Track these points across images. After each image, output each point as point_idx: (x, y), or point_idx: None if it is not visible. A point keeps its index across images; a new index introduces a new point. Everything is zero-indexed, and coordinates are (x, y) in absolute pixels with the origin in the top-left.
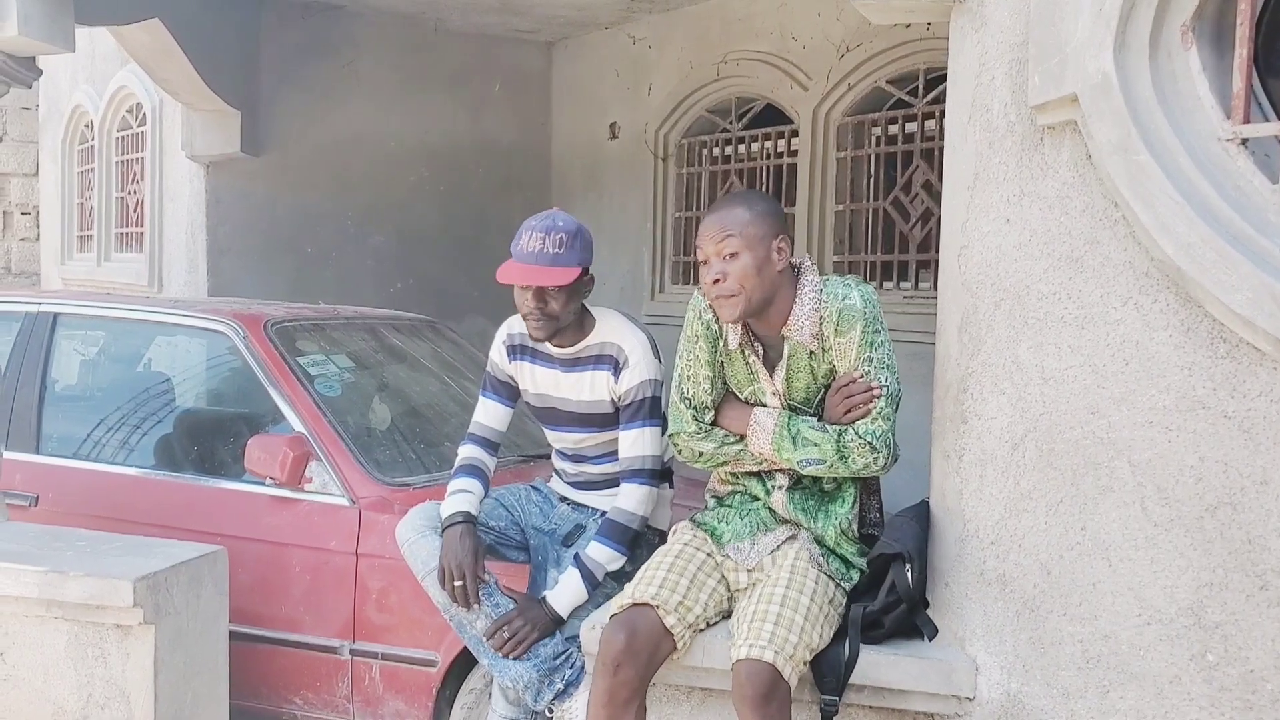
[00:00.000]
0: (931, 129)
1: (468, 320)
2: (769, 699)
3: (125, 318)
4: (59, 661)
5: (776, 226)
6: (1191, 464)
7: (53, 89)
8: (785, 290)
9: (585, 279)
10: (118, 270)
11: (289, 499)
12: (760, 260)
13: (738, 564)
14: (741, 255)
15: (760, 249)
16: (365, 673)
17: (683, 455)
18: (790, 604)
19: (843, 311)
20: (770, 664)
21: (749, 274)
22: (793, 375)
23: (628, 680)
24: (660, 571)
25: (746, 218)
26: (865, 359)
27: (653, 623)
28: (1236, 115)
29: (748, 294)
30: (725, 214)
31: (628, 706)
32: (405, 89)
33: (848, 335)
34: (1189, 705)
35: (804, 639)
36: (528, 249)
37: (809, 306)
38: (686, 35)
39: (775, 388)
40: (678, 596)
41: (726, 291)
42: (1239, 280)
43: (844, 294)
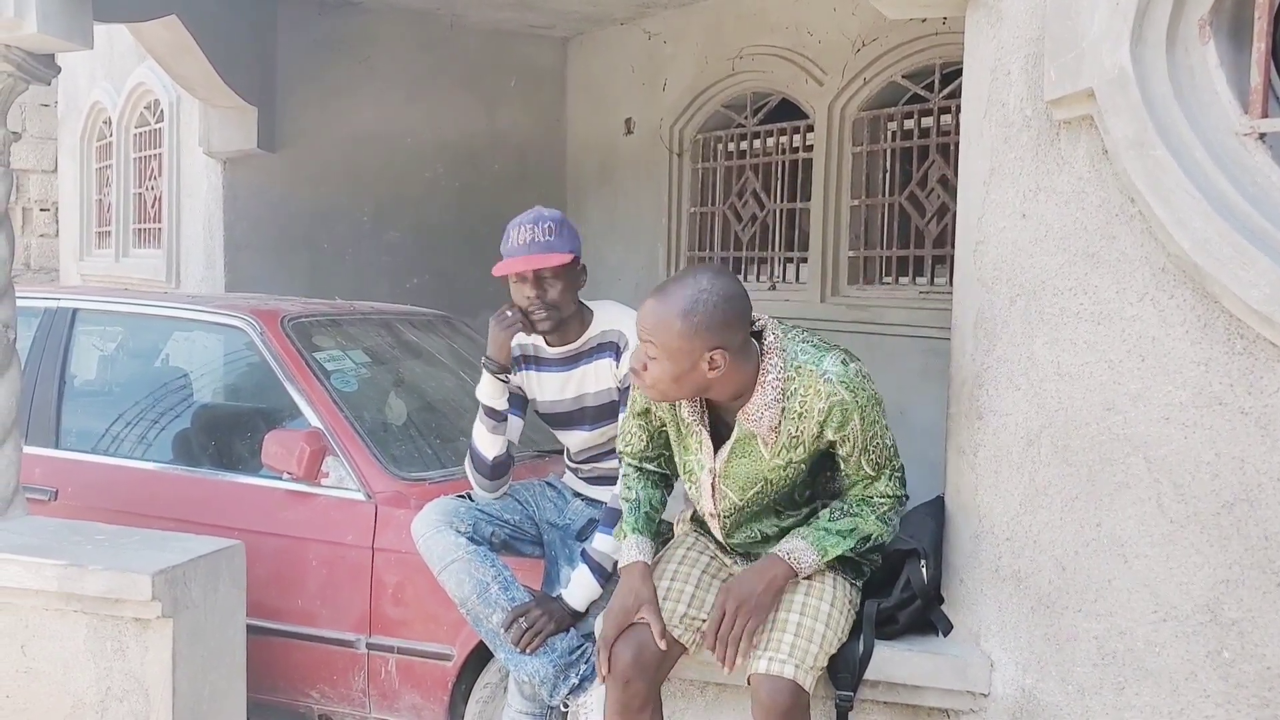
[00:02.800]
0: (947, 124)
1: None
2: (791, 713)
3: (143, 313)
4: (78, 654)
5: (713, 339)
6: (1208, 460)
7: (71, 86)
8: (732, 376)
9: (578, 267)
10: (136, 266)
11: (305, 494)
12: (680, 372)
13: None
14: (660, 361)
15: (683, 361)
16: (381, 666)
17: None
18: (810, 612)
19: (832, 409)
20: (791, 680)
21: (664, 380)
22: (735, 459)
23: (639, 691)
24: (664, 583)
25: (676, 329)
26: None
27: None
28: (1254, 110)
29: (663, 392)
30: (656, 315)
31: (641, 712)
32: (420, 85)
33: (848, 428)
34: (1205, 702)
35: (824, 646)
36: (519, 241)
37: (771, 396)
38: (701, 30)
39: (714, 465)
40: (682, 608)
41: (643, 383)
42: (1256, 276)
43: (828, 391)
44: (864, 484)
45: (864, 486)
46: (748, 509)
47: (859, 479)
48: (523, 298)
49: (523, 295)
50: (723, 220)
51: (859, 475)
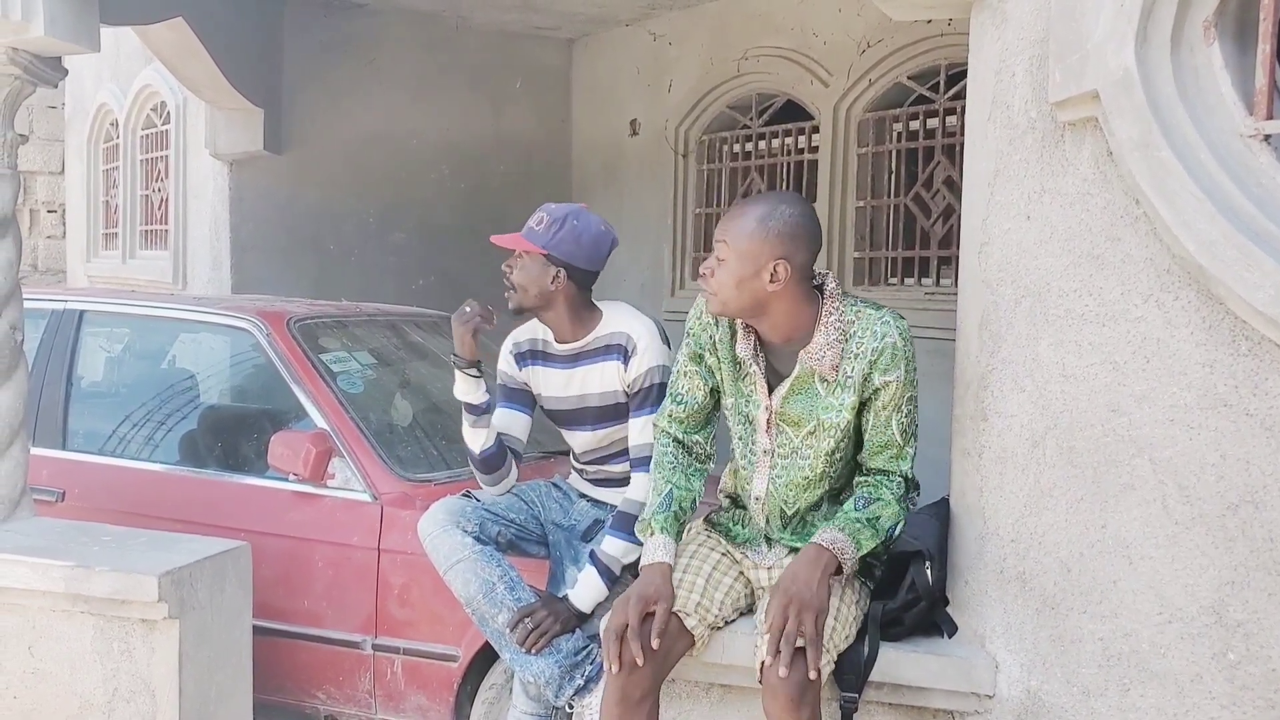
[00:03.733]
0: (953, 125)
1: None
2: (801, 704)
3: (150, 315)
4: (85, 655)
5: (780, 249)
6: (1213, 462)
7: (78, 88)
8: (789, 307)
9: (551, 267)
10: (142, 268)
11: (312, 495)
12: (744, 276)
13: (756, 564)
14: (728, 263)
15: (748, 265)
16: (387, 667)
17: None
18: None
19: (884, 350)
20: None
21: (727, 284)
22: (792, 398)
23: (641, 680)
24: (675, 574)
25: (749, 230)
26: (907, 398)
27: (671, 624)
28: (1259, 111)
29: (724, 299)
30: (734, 216)
31: (641, 705)
32: (426, 86)
33: (894, 374)
34: (1210, 704)
35: (834, 640)
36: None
37: (833, 336)
38: (707, 31)
39: (770, 404)
40: (695, 597)
41: (707, 288)
42: (1261, 277)
43: (883, 331)
44: (887, 454)
45: (887, 458)
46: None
47: (883, 445)
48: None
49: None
50: None
51: (885, 439)
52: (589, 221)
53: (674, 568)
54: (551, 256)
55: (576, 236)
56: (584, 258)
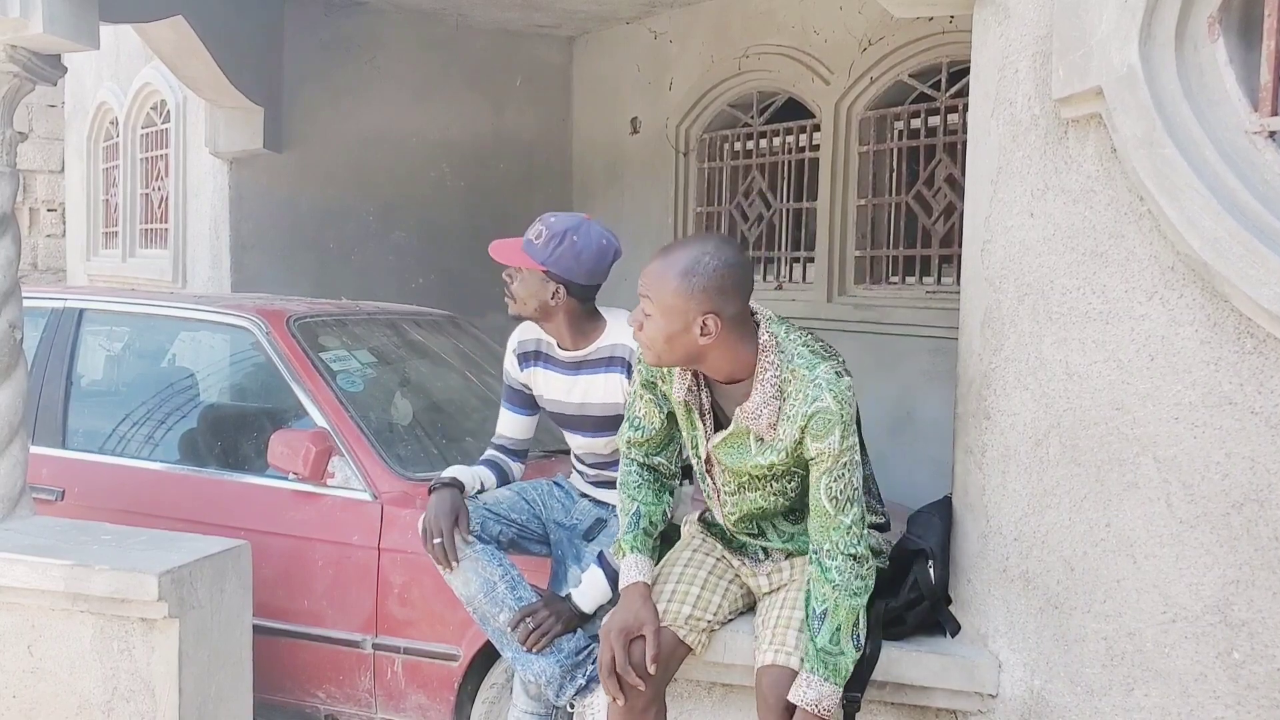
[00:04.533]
0: (954, 123)
1: (489, 316)
2: (793, 706)
3: (149, 313)
4: (85, 654)
5: (708, 303)
6: (1218, 460)
7: (78, 86)
8: (726, 353)
9: (549, 282)
10: (142, 266)
11: (312, 494)
12: (673, 332)
13: (755, 571)
14: (654, 318)
15: (675, 321)
16: (388, 667)
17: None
18: None
19: (815, 415)
20: (795, 671)
21: (657, 339)
22: (724, 448)
23: (643, 692)
24: (669, 585)
25: (672, 286)
26: (843, 463)
27: (666, 638)
28: (1264, 108)
29: (657, 353)
30: (655, 272)
31: (645, 714)
32: (426, 85)
33: (826, 441)
34: (1214, 703)
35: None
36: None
37: (769, 393)
38: (707, 29)
39: (708, 445)
40: (688, 609)
41: (640, 340)
42: (1266, 274)
43: (815, 395)
44: (819, 521)
45: (818, 529)
46: (742, 497)
47: (816, 512)
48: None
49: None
50: (729, 220)
51: (816, 505)
52: (589, 236)
53: (662, 580)
54: (550, 273)
55: (576, 254)
56: (584, 274)
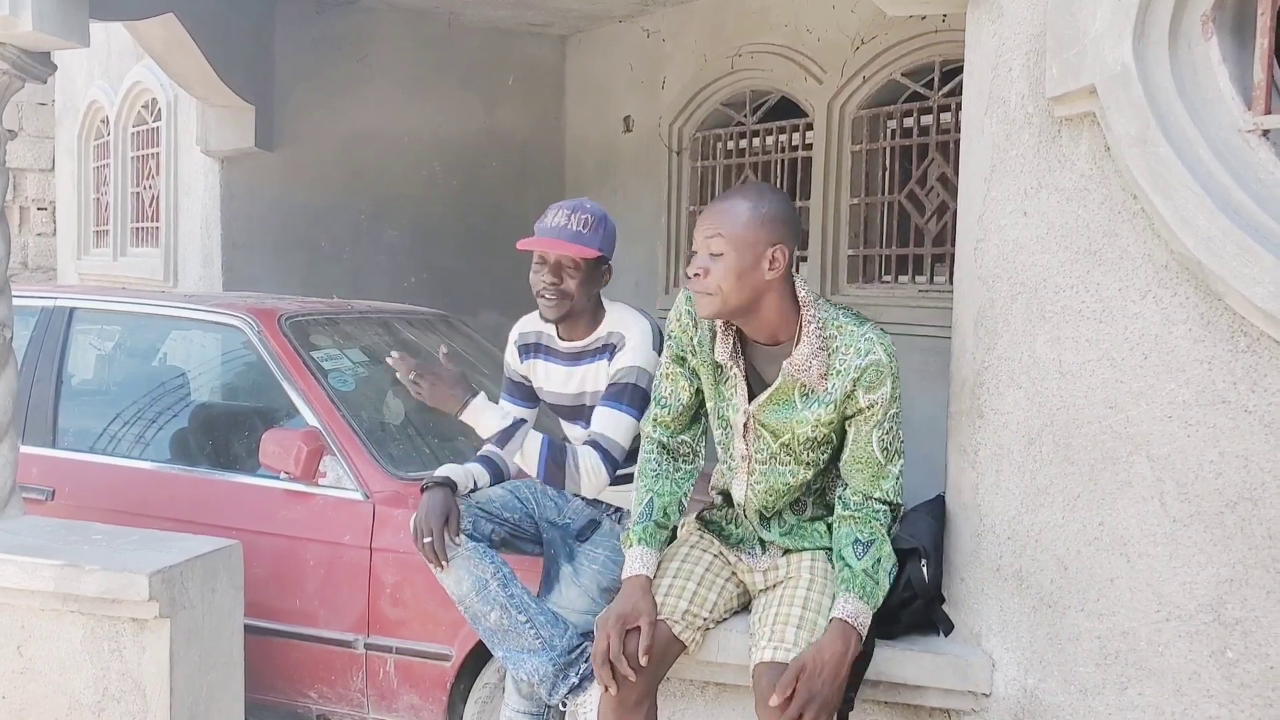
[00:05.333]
0: (947, 122)
1: (481, 314)
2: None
3: (140, 312)
4: (75, 655)
5: (776, 234)
6: (1211, 459)
7: (68, 84)
8: (779, 302)
9: (604, 267)
10: (133, 265)
11: (303, 493)
12: (744, 267)
13: (751, 567)
14: (726, 256)
15: (747, 255)
16: (380, 667)
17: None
18: (813, 606)
19: (869, 368)
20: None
21: (728, 277)
22: (769, 407)
23: (636, 687)
24: (666, 579)
25: (743, 219)
26: (892, 415)
27: (661, 632)
28: (1258, 106)
29: (724, 296)
30: (722, 209)
31: (637, 709)
32: (419, 83)
33: (879, 392)
34: (1208, 702)
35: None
36: (552, 223)
37: (816, 345)
38: (700, 28)
39: (749, 408)
40: (684, 604)
41: (702, 289)
42: (1260, 273)
43: (868, 349)
44: (868, 472)
45: (866, 480)
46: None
47: (864, 463)
48: (538, 280)
49: (539, 279)
50: None
51: (865, 456)
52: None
53: (659, 575)
54: (603, 257)
55: (612, 231)
56: (612, 252)
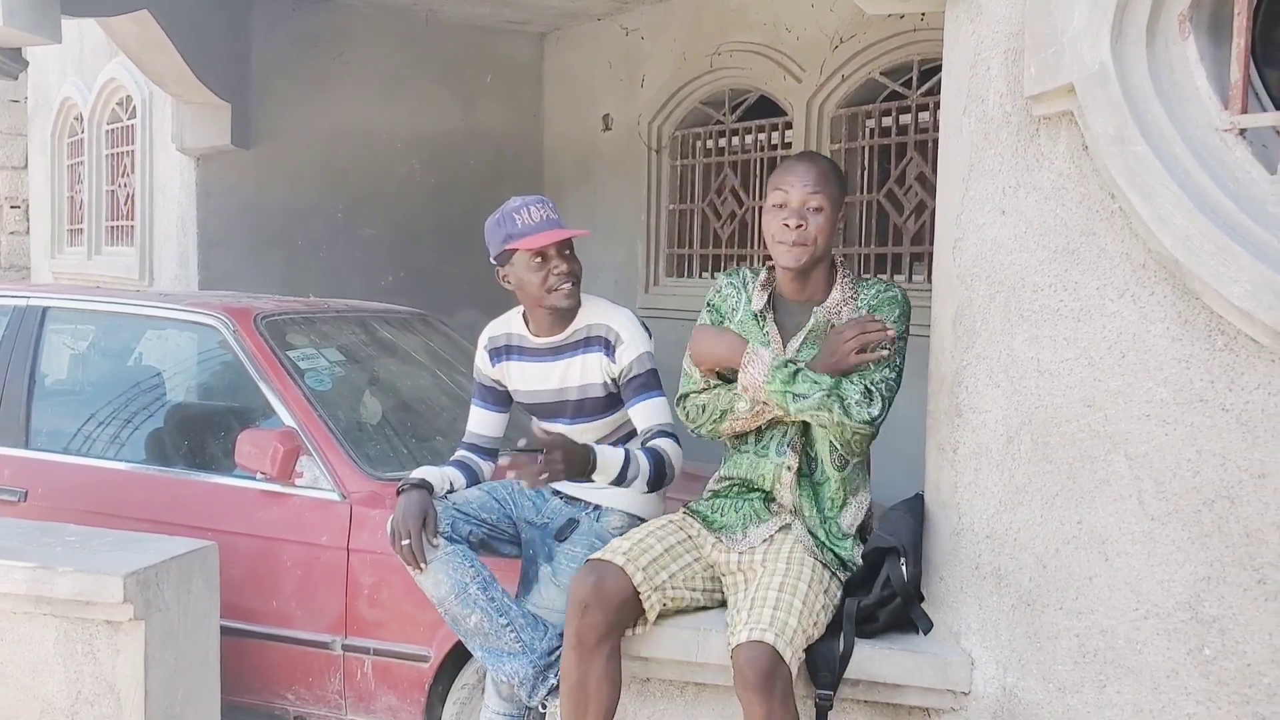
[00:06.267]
0: (925, 121)
1: (459, 313)
2: (772, 681)
3: (115, 311)
4: (48, 658)
5: (843, 194)
6: (1189, 457)
7: (41, 81)
8: (829, 260)
9: None
10: (108, 264)
11: (280, 494)
12: (833, 221)
13: (729, 546)
14: (825, 211)
15: (835, 211)
16: (357, 668)
17: (689, 417)
18: (789, 590)
19: (884, 298)
20: (771, 645)
21: (825, 230)
22: (805, 348)
23: (595, 623)
24: (636, 535)
25: (835, 179)
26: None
27: (621, 577)
28: (1234, 105)
29: (817, 248)
30: (819, 169)
31: (598, 649)
32: (396, 81)
33: (885, 315)
34: (1186, 699)
35: (802, 625)
36: (535, 219)
37: (848, 293)
38: (679, 26)
39: (786, 356)
40: (647, 558)
41: (803, 239)
42: (1237, 272)
43: (885, 287)
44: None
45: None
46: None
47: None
48: (551, 275)
49: (548, 272)
50: (702, 217)
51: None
52: None
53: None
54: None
55: None
56: None
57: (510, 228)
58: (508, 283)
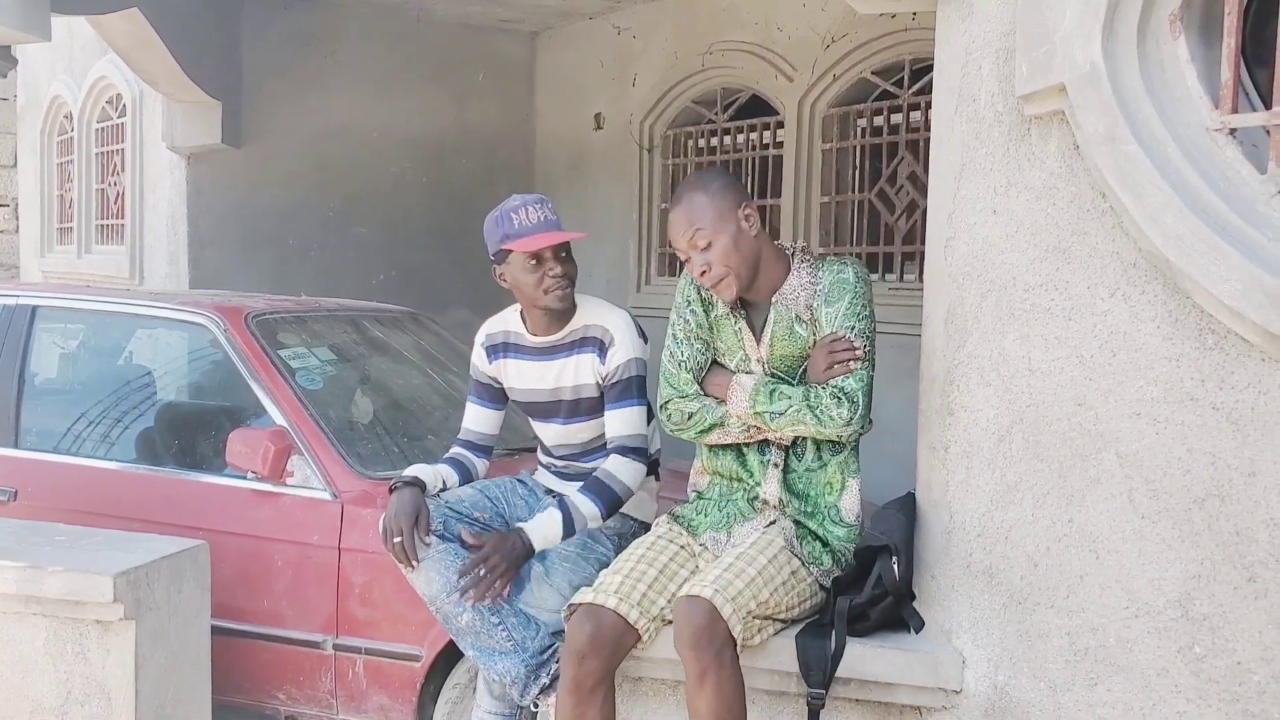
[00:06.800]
0: (917, 120)
1: (451, 312)
2: (706, 637)
3: (105, 310)
4: (38, 658)
5: (736, 197)
6: (1179, 456)
7: (31, 79)
8: (769, 252)
9: None
10: (98, 263)
11: (271, 493)
12: (733, 236)
13: (714, 553)
14: (715, 240)
15: (729, 226)
16: (349, 668)
17: (672, 421)
18: (744, 559)
19: (834, 283)
20: (709, 601)
21: (729, 253)
22: (776, 341)
23: (592, 670)
24: (628, 563)
25: (705, 201)
26: (848, 326)
27: (615, 619)
28: (1225, 105)
29: (736, 271)
30: (685, 207)
31: (594, 694)
32: (388, 79)
33: (835, 305)
34: (1176, 697)
35: (751, 589)
36: (533, 220)
37: (805, 279)
38: (671, 25)
39: (760, 354)
40: (642, 588)
41: (715, 279)
42: (1227, 271)
43: (839, 269)
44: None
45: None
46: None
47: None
48: (546, 277)
49: (543, 274)
50: None
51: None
52: None
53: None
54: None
55: None
56: None
57: (507, 227)
58: (504, 281)
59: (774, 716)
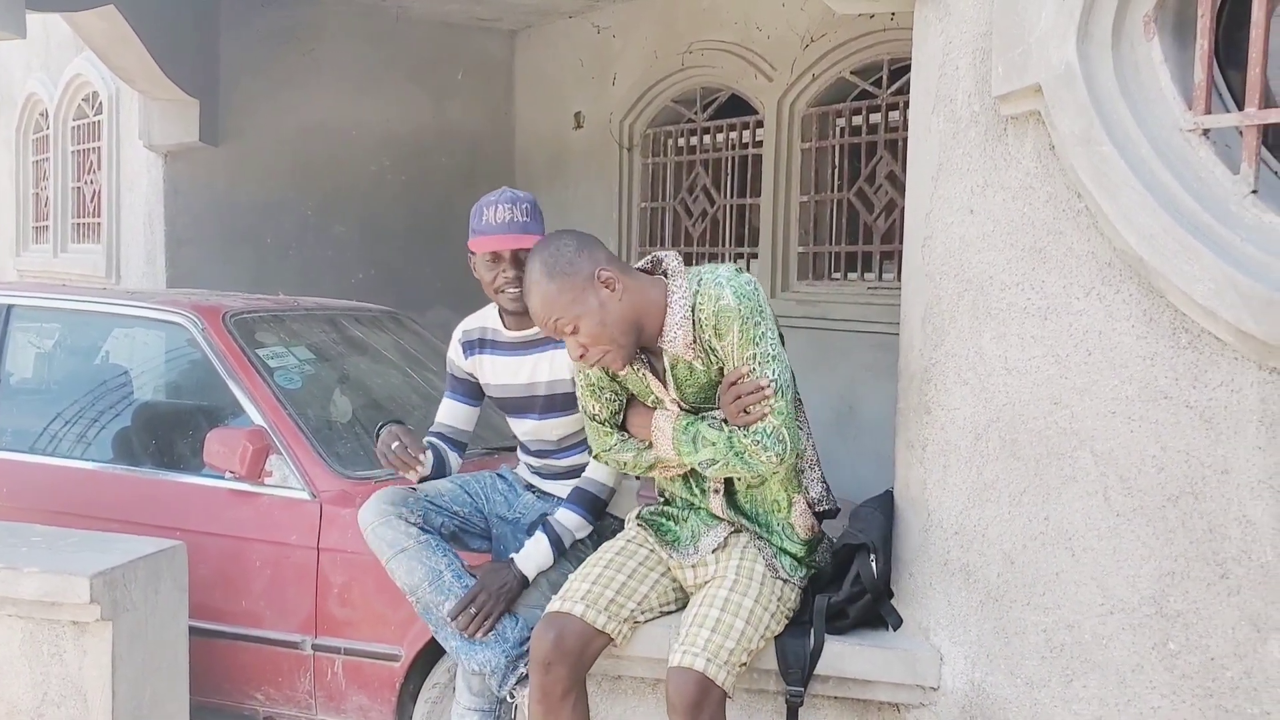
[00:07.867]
0: (895, 120)
1: (430, 311)
2: (699, 708)
3: (81, 310)
4: (13, 659)
5: (588, 267)
6: (1153, 454)
7: (5, 77)
8: (643, 298)
9: None
10: (74, 261)
11: (249, 493)
12: (594, 311)
13: (681, 563)
14: (579, 323)
15: (588, 302)
16: (328, 668)
17: (610, 464)
18: (731, 608)
19: (718, 314)
20: (700, 673)
21: (599, 330)
22: (681, 382)
23: (560, 678)
24: (596, 569)
25: (554, 291)
26: (749, 356)
27: (581, 626)
28: (1198, 106)
29: (613, 340)
30: (537, 299)
31: (563, 701)
32: (367, 78)
33: (726, 338)
34: (1151, 693)
35: (742, 642)
36: (497, 219)
37: (680, 315)
38: (651, 24)
39: (670, 394)
40: (609, 593)
41: (595, 359)
42: (1201, 271)
43: (716, 294)
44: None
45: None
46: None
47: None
48: (499, 276)
49: (497, 273)
50: (673, 215)
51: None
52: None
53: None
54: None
55: (541, 213)
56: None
57: (475, 222)
58: (477, 273)
59: (752, 714)
